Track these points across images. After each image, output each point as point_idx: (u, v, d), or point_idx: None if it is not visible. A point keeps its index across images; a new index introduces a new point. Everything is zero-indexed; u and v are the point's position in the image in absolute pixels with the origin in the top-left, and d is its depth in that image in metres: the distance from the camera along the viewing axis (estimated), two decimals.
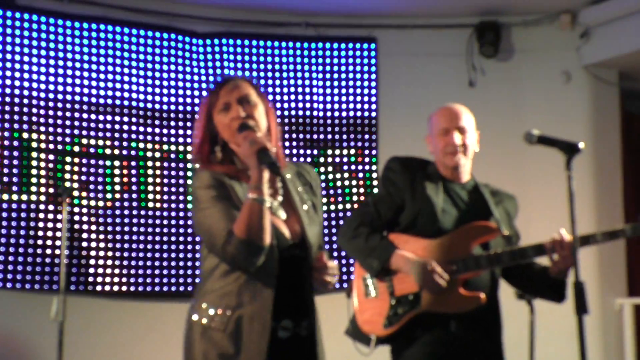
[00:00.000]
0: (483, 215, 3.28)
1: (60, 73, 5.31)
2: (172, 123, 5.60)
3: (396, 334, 3.22)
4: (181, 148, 5.60)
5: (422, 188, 3.25)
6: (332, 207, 5.85)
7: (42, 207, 5.17)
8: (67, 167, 5.27)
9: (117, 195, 5.39)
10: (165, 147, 5.56)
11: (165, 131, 5.57)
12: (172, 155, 5.57)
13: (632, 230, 3.18)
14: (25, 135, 5.18)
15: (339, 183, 5.87)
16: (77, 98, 5.35)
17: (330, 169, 5.88)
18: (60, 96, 5.30)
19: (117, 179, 5.40)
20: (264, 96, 2.71)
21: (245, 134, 2.55)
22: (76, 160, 5.30)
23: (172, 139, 5.59)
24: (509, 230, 3.30)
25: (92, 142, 5.37)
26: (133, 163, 5.45)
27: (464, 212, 3.27)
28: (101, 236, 5.31)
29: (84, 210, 5.29)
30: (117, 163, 5.42)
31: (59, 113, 5.29)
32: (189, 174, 5.56)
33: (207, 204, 2.54)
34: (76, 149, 5.32)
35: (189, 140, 5.60)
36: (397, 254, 3.19)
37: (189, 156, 5.53)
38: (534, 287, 3.33)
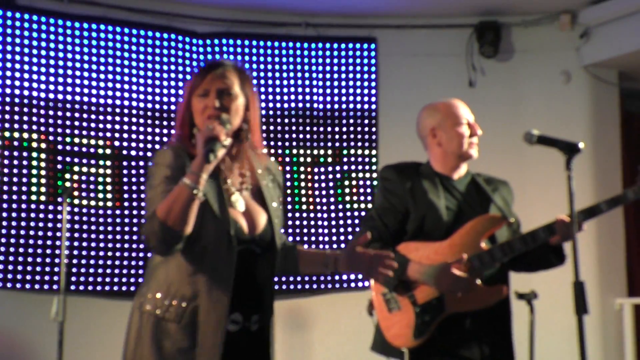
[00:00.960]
0: (484, 206, 3.28)
1: (60, 73, 5.31)
2: (173, 123, 5.60)
3: (426, 343, 3.18)
4: None
5: (422, 192, 3.24)
6: (332, 207, 5.85)
7: (42, 207, 5.17)
8: (67, 167, 5.26)
9: (117, 195, 5.39)
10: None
11: (165, 131, 5.57)
12: None
13: (634, 194, 3.18)
14: (25, 135, 5.18)
15: (339, 183, 5.87)
16: (77, 98, 5.35)
17: (330, 168, 5.88)
18: (60, 96, 5.30)
19: (117, 179, 5.40)
20: (250, 86, 2.66)
21: (208, 122, 2.50)
22: (76, 160, 5.30)
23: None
24: (510, 216, 3.29)
25: (92, 142, 5.37)
26: (133, 163, 5.45)
27: (466, 207, 3.26)
28: (101, 236, 5.31)
29: (84, 210, 5.29)
30: (117, 163, 5.42)
31: (59, 113, 5.29)
32: None
33: (158, 181, 2.49)
34: (76, 149, 5.32)
35: None
36: (412, 265, 3.15)
37: None
38: (534, 261, 3.30)
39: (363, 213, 5.86)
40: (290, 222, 5.75)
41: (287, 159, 5.81)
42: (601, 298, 5.89)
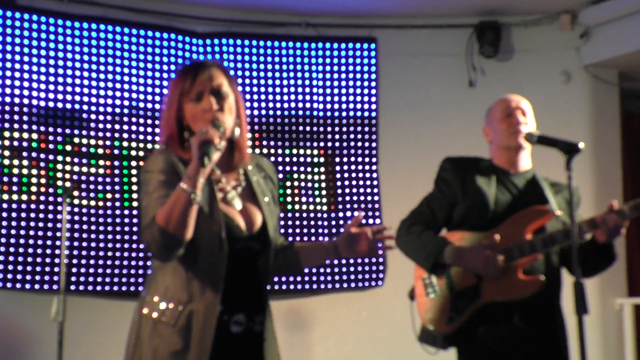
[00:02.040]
0: (538, 202, 3.24)
1: (60, 73, 5.31)
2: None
3: (461, 330, 3.19)
4: None
5: (472, 182, 3.25)
6: (332, 207, 5.85)
7: (42, 207, 5.17)
8: (67, 167, 5.26)
9: (117, 195, 5.39)
10: None
11: None
12: None
13: None
14: (25, 135, 5.18)
15: (339, 183, 5.87)
16: (77, 98, 5.35)
17: (330, 168, 5.88)
18: (60, 96, 5.30)
19: (117, 179, 5.40)
20: (235, 84, 2.64)
21: (203, 126, 2.47)
22: (76, 160, 5.30)
23: None
24: (567, 217, 3.17)
25: (92, 142, 5.37)
26: (134, 163, 5.45)
27: (518, 200, 3.24)
28: (101, 236, 5.31)
29: (84, 210, 5.29)
30: (117, 163, 5.42)
31: (59, 113, 5.29)
32: None
33: (152, 187, 2.48)
34: (76, 148, 5.31)
35: None
36: (451, 247, 3.18)
37: None
38: (588, 261, 3.19)
39: (363, 213, 5.85)
40: (290, 223, 5.75)
41: (287, 159, 5.81)
42: (601, 298, 5.89)
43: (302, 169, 5.83)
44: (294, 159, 5.83)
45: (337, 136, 5.90)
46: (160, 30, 5.62)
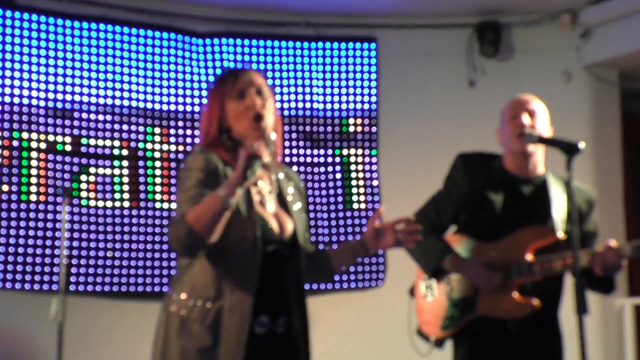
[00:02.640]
0: (543, 215, 3.17)
1: (60, 73, 5.30)
2: (172, 123, 5.60)
3: (458, 332, 3.21)
4: (181, 148, 5.59)
5: (481, 188, 3.18)
6: (333, 207, 5.85)
7: (42, 207, 5.16)
8: (67, 167, 5.26)
9: (117, 195, 5.39)
10: (165, 147, 5.56)
11: (165, 131, 5.57)
12: (172, 156, 5.57)
13: None
14: (25, 135, 5.18)
15: (339, 183, 5.87)
16: (77, 98, 5.35)
17: (330, 168, 5.87)
18: (60, 96, 5.30)
19: (116, 179, 5.40)
20: (272, 90, 2.70)
21: (256, 135, 2.52)
22: (75, 160, 5.30)
23: (172, 139, 5.58)
24: (576, 229, 3.07)
25: (92, 142, 5.37)
26: (134, 163, 5.45)
27: (525, 212, 3.18)
28: (101, 236, 5.31)
29: (84, 210, 5.29)
30: (116, 163, 5.41)
31: (59, 113, 5.29)
32: None
33: (189, 184, 2.50)
34: (76, 149, 5.31)
35: (188, 140, 5.59)
36: (453, 255, 3.17)
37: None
38: (587, 283, 3.16)
39: (364, 213, 5.86)
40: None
41: (287, 159, 5.80)
42: (601, 298, 5.87)
43: (302, 169, 5.83)
44: (294, 159, 5.83)
45: (337, 136, 5.90)
46: (160, 30, 5.62)
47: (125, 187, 5.41)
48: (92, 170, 5.34)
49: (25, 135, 5.18)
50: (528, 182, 3.22)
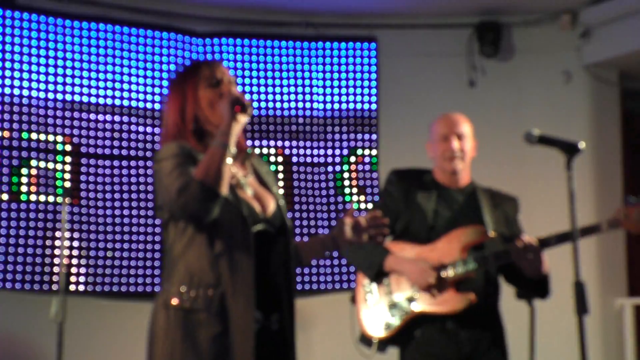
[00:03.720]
0: (475, 218, 3.42)
1: (59, 73, 5.30)
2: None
3: (397, 335, 3.41)
4: None
5: (414, 197, 3.44)
6: (332, 207, 5.84)
7: (42, 207, 5.16)
8: (67, 167, 5.26)
9: (117, 196, 5.39)
10: None
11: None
12: None
13: (608, 225, 3.33)
14: (24, 135, 5.18)
15: (339, 183, 5.87)
16: (76, 98, 5.35)
17: (330, 168, 5.87)
18: (59, 96, 5.30)
19: (116, 179, 5.40)
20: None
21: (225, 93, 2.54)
22: (75, 160, 5.30)
23: None
24: (506, 231, 3.44)
25: (92, 142, 5.37)
26: (133, 163, 5.45)
27: (457, 216, 3.44)
28: (101, 236, 5.31)
29: (84, 210, 5.29)
30: (116, 163, 5.41)
31: (59, 113, 5.29)
32: None
33: (170, 169, 2.48)
34: (75, 149, 5.31)
35: None
36: (391, 256, 3.40)
37: None
38: (521, 288, 3.48)
39: (363, 213, 5.86)
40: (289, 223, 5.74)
41: (287, 159, 5.80)
42: (601, 298, 5.89)
43: (301, 169, 5.83)
44: (294, 159, 5.83)
45: (337, 136, 5.90)
46: (160, 30, 5.62)
47: (125, 187, 5.41)
48: (91, 170, 5.34)
49: (24, 135, 5.18)
50: (458, 191, 3.50)
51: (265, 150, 5.74)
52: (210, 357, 2.43)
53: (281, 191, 2.76)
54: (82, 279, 5.24)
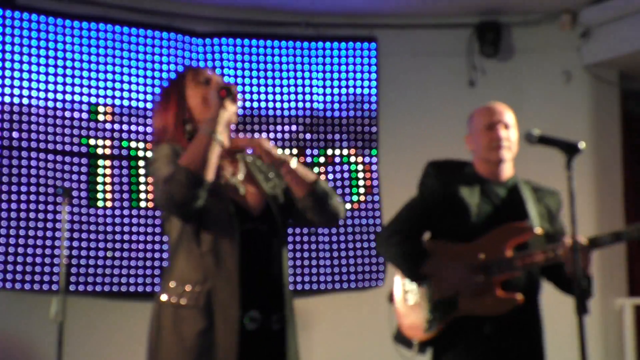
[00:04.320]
0: (519, 214, 3.23)
1: (60, 73, 5.30)
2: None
3: (437, 337, 3.24)
4: None
5: (456, 191, 3.22)
6: None
7: (42, 207, 5.16)
8: (67, 167, 5.26)
9: (117, 195, 5.39)
10: None
11: None
12: None
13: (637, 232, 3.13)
14: (24, 135, 5.18)
15: (339, 183, 5.87)
16: (76, 98, 5.35)
17: (330, 168, 5.87)
18: (60, 96, 5.29)
19: (116, 179, 5.40)
20: None
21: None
22: (75, 160, 5.30)
23: None
24: (549, 227, 3.25)
25: (92, 142, 5.37)
26: (134, 163, 5.45)
27: (500, 212, 3.23)
28: (101, 236, 5.31)
29: (84, 210, 5.29)
30: (116, 163, 5.42)
31: (59, 113, 5.29)
32: None
33: (162, 165, 2.51)
34: (75, 149, 5.32)
35: None
36: (432, 258, 3.22)
37: None
38: (565, 286, 3.26)
39: (363, 213, 5.86)
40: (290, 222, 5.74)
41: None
42: (601, 298, 5.88)
43: None
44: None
45: (337, 135, 5.90)
46: (160, 30, 5.62)
47: (126, 187, 5.41)
48: (91, 170, 5.34)
49: (25, 135, 5.18)
50: (501, 185, 3.29)
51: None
52: (195, 352, 2.46)
53: (276, 185, 2.73)
54: (82, 279, 5.24)
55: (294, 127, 5.85)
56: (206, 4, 5.81)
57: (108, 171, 5.39)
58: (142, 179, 5.46)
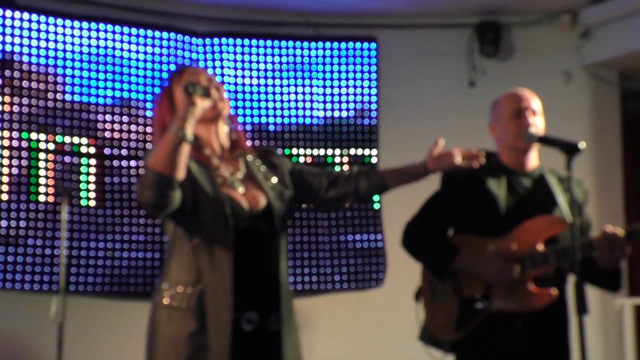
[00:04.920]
0: (548, 206, 3.12)
1: (60, 73, 5.30)
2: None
3: (468, 335, 3.12)
4: None
5: (482, 183, 3.12)
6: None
7: (42, 207, 5.16)
8: (67, 167, 5.26)
9: (117, 195, 5.39)
10: None
11: None
12: None
13: None
14: (25, 135, 5.18)
15: None
16: (76, 98, 5.35)
17: (330, 168, 5.87)
18: (59, 96, 5.29)
19: (116, 179, 5.40)
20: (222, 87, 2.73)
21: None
22: (75, 160, 5.30)
23: None
24: (578, 219, 3.10)
25: (92, 142, 5.37)
26: (133, 163, 5.45)
27: (528, 205, 3.12)
28: (101, 236, 5.31)
29: (84, 210, 5.29)
30: (116, 163, 5.41)
31: (59, 113, 5.29)
32: None
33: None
34: (76, 149, 5.32)
35: None
36: (462, 254, 3.09)
37: None
38: (593, 278, 3.16)
39: (363, 213, 5.86)
40: (289, 222, 5.75)
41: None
42: (601, 298, 5.88)
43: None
44: (293, 159, 5.83)
45: (336, 136, 5.90)
46: (160, 30, 5.62)
47: (126, 188, 5.41)
48: (92, 169, 5.33)
49: (25, 135, 5.18)
50: (527, 176, 3.19)
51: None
52: (186, 354, 2.45)
53: (277, 184, 2.73)
54: (82, 279, 5.24)
55: (294, 127, 5.84)
56: (206, 4, 5.81)
57: (109, 172, 5.38)
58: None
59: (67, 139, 5.27)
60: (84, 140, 5.33)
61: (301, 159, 5.84)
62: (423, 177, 2.79)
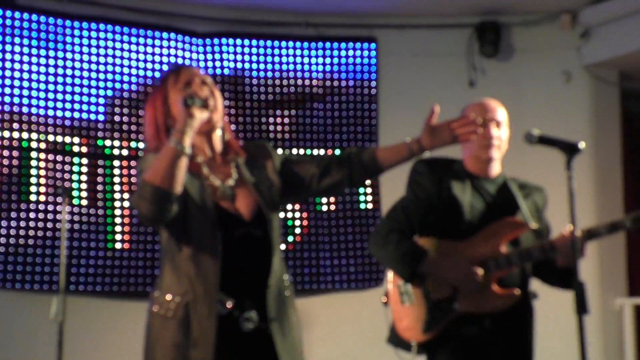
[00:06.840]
0: (510, 210, 3.25)
1: (59, 73, 5.31)
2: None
3: (435, 337, 3.22)
4: None
5: (448, 188, 3.23)
6: (333, 207, 5.84)
7: (42, 207, 5.16)
8: (67, 167, 5.26)
9: (117, 195, 5.39)
10: None
11: None
12: None
13: (631, 222, 3.14)
14: (25, 135, 5.18)
15: None
16: (77, 98, 5.35)
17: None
18: (59, 96, 5.30)
19: (116, 179, 5.40)
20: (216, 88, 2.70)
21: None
22: (76, 160, 5.30)
23: None
24: (538, 223, 3.28)
25: (92, 142, 5.37)
26: (134, 163, 5.45)
27: (492, 208, 3.25)
28: (101, 236, 5.31)
29: (84, 210, 5.29)
30: (116, 163, 5.42)
31: (59, 113, 5.29)
32: None
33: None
34: (76, 148, 5.32)
35: None
36: (429, 258, 3.18)
37: None
38: (548, 277, 3.30)
39: (364, 213, 5.86)
40: (289, 222, 5.75)
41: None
42: (601, 298, 5.89)
43: None
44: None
45: (337, 136, 5.90)
46: (160, 30, 5.62)
47: (126, 187, 5.41)
48: (92, 169, 5.34)
49: (25, 135, 5.18)
50: (490, 181, 3.31)
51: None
52: None
53: (268, 183, 2.69)
54: (82, 279, 5.24)
55: (294, 127, 5.84)
56: (206, 4, 5.81)
57: (109, 171, 5.39)
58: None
59: (59, 139, 5.27)
60: (76, 140, 5.33)
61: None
62: (418, 155, 2.74)
